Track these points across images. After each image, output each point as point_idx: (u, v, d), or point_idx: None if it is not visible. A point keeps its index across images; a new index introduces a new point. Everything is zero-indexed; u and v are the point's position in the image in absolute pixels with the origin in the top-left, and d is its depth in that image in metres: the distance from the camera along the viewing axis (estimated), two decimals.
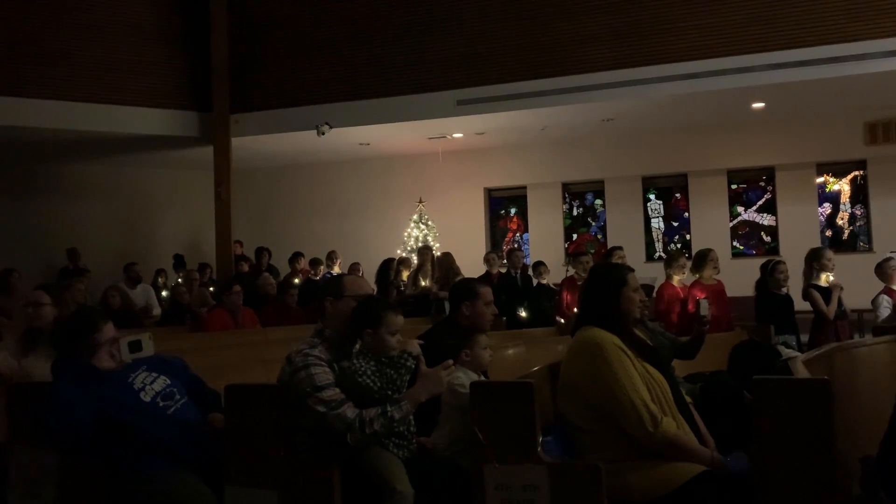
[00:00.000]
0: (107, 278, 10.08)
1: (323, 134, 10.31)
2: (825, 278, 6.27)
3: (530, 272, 9.30)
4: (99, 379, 2.87)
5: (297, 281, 9.44)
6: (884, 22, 8.46)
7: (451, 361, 2.96)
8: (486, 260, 9.33)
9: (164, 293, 10.21)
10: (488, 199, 13.37)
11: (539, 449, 2.75)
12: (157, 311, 9.08)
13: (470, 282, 4.18)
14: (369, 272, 10.33)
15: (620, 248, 8.09)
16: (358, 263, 10.53)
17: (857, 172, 11.55)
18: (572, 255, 10.14)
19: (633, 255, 10.41)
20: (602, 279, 3.23)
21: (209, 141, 10.86)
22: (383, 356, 2.87)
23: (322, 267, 10.00)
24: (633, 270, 3.29)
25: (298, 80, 10.69)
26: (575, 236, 13.05)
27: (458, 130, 11.34)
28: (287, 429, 2.84)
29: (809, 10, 8.76)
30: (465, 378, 3.14)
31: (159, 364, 3.09)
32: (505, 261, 9.54)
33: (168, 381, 3.01)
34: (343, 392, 2.82)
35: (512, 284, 8.69)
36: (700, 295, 6.07)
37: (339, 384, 2.84)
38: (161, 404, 2.92)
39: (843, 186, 11.67)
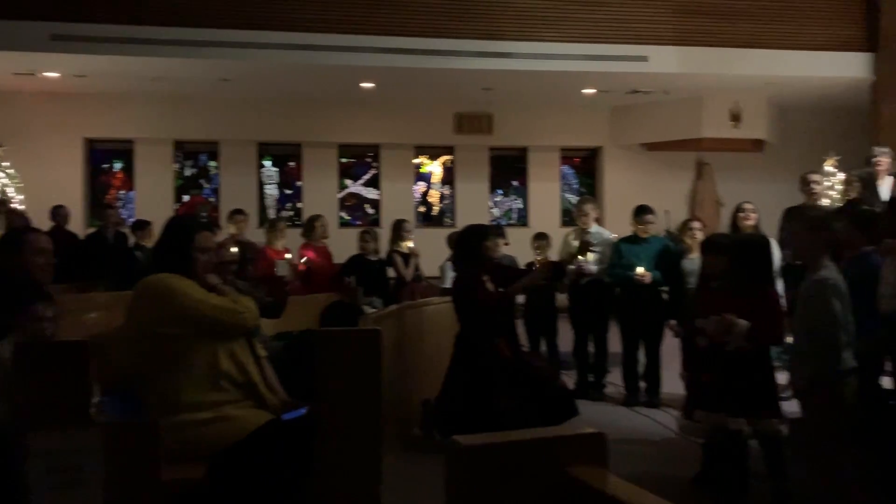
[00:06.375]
0: None
1: None
2: (405, 246, 7.03)
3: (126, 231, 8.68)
4: None
5: None
6: (471, 25, 9.66)
7: None
8: (56, 213, 8.41)
9: None
10: (89, 150, 12.11)
11: (93, 410, 2.61)
12: None
13: (17, 230, 3.70)
14: None
15: (241, 211, 7.94)
16: None
17: (446, 157, 13.09)
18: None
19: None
20: (172, 232, 3.15)
21: None
22: None
23: None
24: (209, 229, 3.26)
25: None
26: (187, 197, 12.55)
27: (54, 69, 10.03)
28: None
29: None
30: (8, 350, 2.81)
31: None
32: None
33: None
34: None
35: (102, 243, 8.02)
36: (308, 255, 6.32)
37: None
38: None
39: (435, 168, 13.15)
